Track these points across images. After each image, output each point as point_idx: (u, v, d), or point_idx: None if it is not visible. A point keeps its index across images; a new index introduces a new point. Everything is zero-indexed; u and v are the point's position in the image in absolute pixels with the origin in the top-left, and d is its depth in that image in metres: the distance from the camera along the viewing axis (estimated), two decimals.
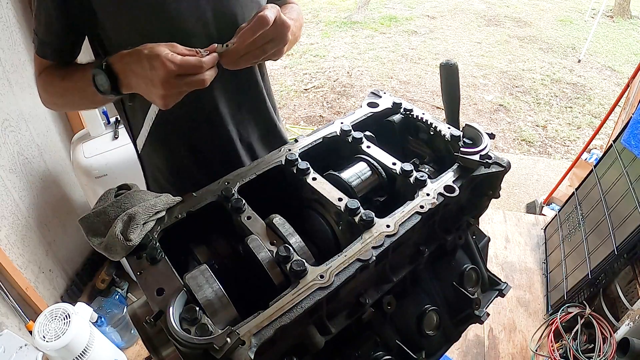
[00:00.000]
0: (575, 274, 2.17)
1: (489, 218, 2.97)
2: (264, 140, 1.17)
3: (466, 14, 7.69)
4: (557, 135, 4.57)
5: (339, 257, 0.69)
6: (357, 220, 0.74)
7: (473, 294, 0.92)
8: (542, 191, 3.58)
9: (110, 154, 1.99)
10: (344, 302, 0.73)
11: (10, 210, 1.91)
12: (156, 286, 0.65)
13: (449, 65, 0.97)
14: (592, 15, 7.55)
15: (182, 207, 0.79)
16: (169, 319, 0.58)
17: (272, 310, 0.61)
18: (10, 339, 1.76)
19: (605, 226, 2.05)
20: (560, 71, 5.78)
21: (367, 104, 1.05)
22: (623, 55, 6.28)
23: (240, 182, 0.83)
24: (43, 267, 2.11)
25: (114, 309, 2.24)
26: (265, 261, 0.68)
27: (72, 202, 2.34)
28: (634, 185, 1.95)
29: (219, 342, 0.55)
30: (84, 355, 1.76)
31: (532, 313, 2.36)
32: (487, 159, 0.85)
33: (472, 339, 2.23)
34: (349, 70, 5.79)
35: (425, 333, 0.86)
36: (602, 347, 1.85)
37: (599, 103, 5.12)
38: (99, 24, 0.90)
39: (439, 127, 0.97)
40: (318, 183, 0.82)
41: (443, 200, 0.80)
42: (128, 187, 0.79)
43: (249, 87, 1.07)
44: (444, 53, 6.26)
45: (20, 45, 1.90)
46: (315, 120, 4.82)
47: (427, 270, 0.91)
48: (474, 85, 5.41)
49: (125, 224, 0.70)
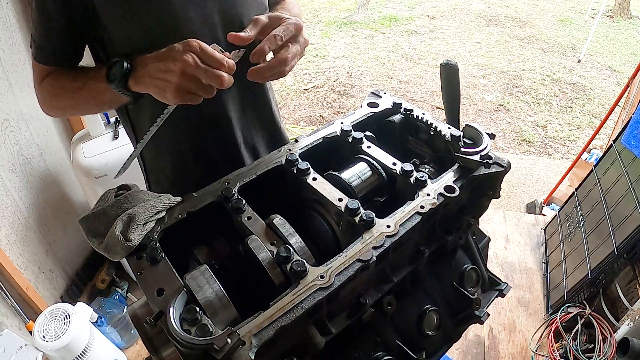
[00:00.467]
0: (575, 274, 2.17)
1: (489, 218, 2.97)
2: (268, 142, 1.16)
3: (466, 14, 7.69)
4: (557, 135, 4.57)
5: (339, 258, 0.69)
6: (357, 220, 0.74)
7: (473, 294, 0.92)
8: (542, 191, 3.58)
9: (110, 154, 1.99)
10: (344, 302, 0.73)
11: (10, 210, 1.91)
12: (156, 286, 0.65)
13: (449, 65, 0.97)
14: (592, 15, 7.55)
15: (183, 207, 0.79)
16: (169, 319, 0.58)
17: (272, 311, 0.61)
18: (10, 339, 1.76)
19: (605, 226, 2.05)
20: (560, 71, 5.78)
21: (367, 104, 1.05)
22: (623, 55, 6.28)
23: (240, 182, 0.83)
24: (43, 267, 2.10)
25: (114, 309, 2.24)
26: (266, 261, 0.68)
27: (72, 202, 2.34)
28: (634, 185, 1.95)
29: (219, 343, 0.55)
30: (84, 355, 1.76)
31: (532, 313, 2.36)
32: (487, 159, 0.85)
33: (472, 339, 2.23)
34: (349, 70, 5.79)
35: (425, 333, 0.86)
36: (602, 347, 1.85)
37: (599, 103, 5.12)
38: (102, 26, 0.88)
39: (439, 127, 0.97)
40: (318, 183, 0.82)
41: (443, 200, 0.80)
42: (128, 187, 0.79)
43: (255, 90, 1.07)
44: (444, 53, 6.26)
45: (20, 45, 1.90)
46: (315, 120, 4.82)
47: (428, 271, 0.91)
48: (474, 85, 5.41)
49: (125, 224, 0.70)
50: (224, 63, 0.75)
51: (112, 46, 0.91)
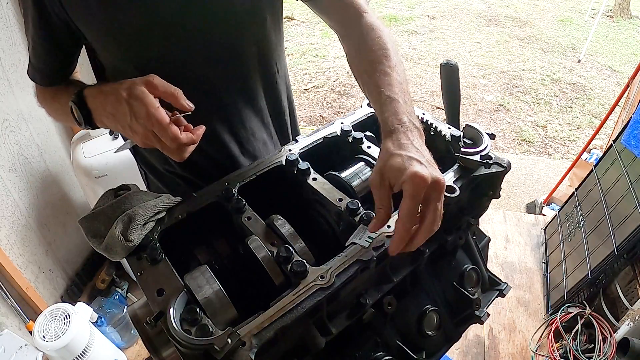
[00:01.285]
0: (575, 274, 2.17)
1: (489, 218, 2.97)
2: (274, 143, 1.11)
3: (466, 14, 7.69)
4: (557, 135, 4.57)
5: (339, 258, 0.69)
6: (357, 220, 0.74)
7: (473, 294, 0.92)
8: (542, 191, 3.58)
9: (110, 154, 1.99)
10: (344, 302, 0.73)
11: (10, 210, 1.91)
12: (156, 287, 0.65)
13: (449, 65, 0.97)
14: (592, 15, 7.55)
15: (182, 207, 0.79)
16: (169, 319, 0.58)
17: (272, 311, 0.61)
18: (10, 339, 1.76)
19: (605, 226, 2.05)
20: (560, 71, 5.78)
21: (367, 104, 1.05)
22: (623, 55, 6.28)
23: (240, 182, 0.83)
24: (43, 267, 2.10)
25: (114, 309, 2.24)
26: (266, 261, 0.68)
27: (72, 202, 2.34)
28: (634, 185, 1.95)
29: (219, 343, 0.55)
30: (84, 355, 1.76)
31: (532, 313, 2.36)
32: (487, 159, 0.84)
33: (472, 339, 2.23)
34: (349, 70, 5.78)
35: (425, 333, 0.85)
36: (602, 347, 1.85)
37: (599, 103, 5.12)
38: (88, 44, 0.86)
39: (439, 127, 0.97)
40: (318, 183, 0.82)
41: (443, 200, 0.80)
42: (128, 187, 0.79)
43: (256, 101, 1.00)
44: (444, 53, 6.26)
45: (20, 45, 1.89)
46: (315, 120, 4.82)
47: (428, 271, 0.91)
48: (474, 85, 5.41)
49: (125, 224, 0.70)
50: (178, 140, 0.67)
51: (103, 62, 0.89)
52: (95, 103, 0.74)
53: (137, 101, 0.66)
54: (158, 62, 0.85)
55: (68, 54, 0.89)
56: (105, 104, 0.72)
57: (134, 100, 0.67)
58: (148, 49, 0.84)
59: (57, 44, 0.85)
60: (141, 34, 0.81)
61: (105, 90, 0.72)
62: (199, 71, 0.88)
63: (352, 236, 0.71)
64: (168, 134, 0.67)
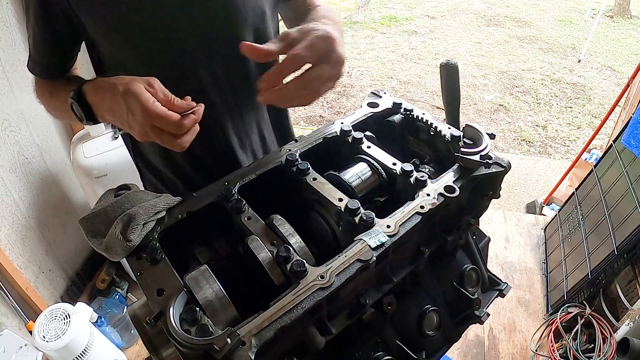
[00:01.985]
0: (575, 274, 2.17)
1: (489, 218, 2.97)
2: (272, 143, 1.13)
3: (466, 14, 7.69)
4: (557, 135, 4.57)
5: (339, 258, 0.69)
6: (357, 220, 0.74)
7: (473, 294, 0.92)
8: (542, 191, 3.58)
9: (110, 154, 1.99)
10: (344, 302, 0.73)
11: (10, 210, 1.91)
12: (156, 286, 0.65)
13: (449, 65, 0.97)
14: (592, 15, 7.55)
15: (182, 207, 0.79)
16: (169, 319, 0.58)
17: (272, 311, 0.61)
18: (10, 339, 1.76)
19: (605, 226, 2.05)
20: (560, 71, 5.78)
21: (367, 104, 1.05)
22: (623, 55, 6.28)
23: (240, 182, 0.83)
24: (43, 267, 2.10)
25: (114, 309, 2.24)
26: (266, 261, 0.68)
27: (72, 202, 2.34)
28: (634, 185, 1.95)
29: (219, 343, 0.55)
30: (84, 355, 1.76)
31: (532, 313, 2.36)
32: (487, 159, 0.84)
33: (472, 339, 2.23)
34: (348, 70, 5.79)
35: (425, 333, 0.85)
36: (602, 347, 1.85)
37: (599, 103, 5.12)
38: (90, 39, 0.87)
39: (439, 127, 0.97)
40: (318, 183, 0.82)
41: (443, 200, 0.80)
42: (128, 187, 0.79)
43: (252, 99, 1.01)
44: (444, 53, 6.26)
45: (20, 45, 1.90)
46: (315, 120, 4.82)
47: (428, 271, 0.91)
48: (474, 85, 5.41)
49: (125, 224, 0.70)
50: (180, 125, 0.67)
51: (104, 57, 0.90)
52: (94, 99, 0.75)
53: (133, 98, 0.67)
54: (160, 54, 0.85)
55: (68, 48, 0.90)
56: (103, 100, 0.73)
57: (129, 97, 0.67)
58: (150, 41, 0.85)
59: (58, 37, 0.85)
60: (144, 27, 0.82)
61: (103, 86, 0.73)
62: (200, 62, 0.89)
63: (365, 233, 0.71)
64: (170, 121, 0.67)
